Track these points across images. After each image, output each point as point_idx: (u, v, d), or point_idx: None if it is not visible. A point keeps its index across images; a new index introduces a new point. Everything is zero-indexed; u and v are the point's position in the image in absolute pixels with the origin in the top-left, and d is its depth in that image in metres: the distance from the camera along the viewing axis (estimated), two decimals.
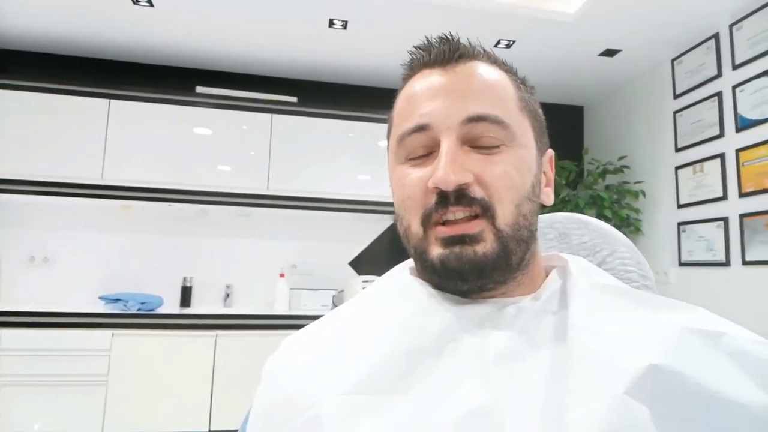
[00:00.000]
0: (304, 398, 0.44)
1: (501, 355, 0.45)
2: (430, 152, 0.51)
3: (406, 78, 0.57)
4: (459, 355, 0.45)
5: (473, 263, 0.48)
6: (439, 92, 0.51)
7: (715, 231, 2.63)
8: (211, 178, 2.97)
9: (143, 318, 2.63)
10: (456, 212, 0.48)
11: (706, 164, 2.73)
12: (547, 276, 0.55)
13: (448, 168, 0.47)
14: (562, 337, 0.46)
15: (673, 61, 3.01)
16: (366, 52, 3.08)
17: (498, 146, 0.50)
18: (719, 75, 2.67)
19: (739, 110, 2.54)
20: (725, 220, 2.58)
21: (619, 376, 0.39)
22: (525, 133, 0.52)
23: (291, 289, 3.11)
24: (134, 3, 2.56)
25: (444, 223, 0.49)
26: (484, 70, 0.53)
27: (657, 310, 0.46)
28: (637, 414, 0.37)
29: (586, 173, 3.49)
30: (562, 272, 0.54)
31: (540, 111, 0.57)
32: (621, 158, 3.36)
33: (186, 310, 2.91)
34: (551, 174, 0.58)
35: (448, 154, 0.48)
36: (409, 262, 0.60)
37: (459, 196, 0.48)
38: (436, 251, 0.49)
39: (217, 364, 2.64)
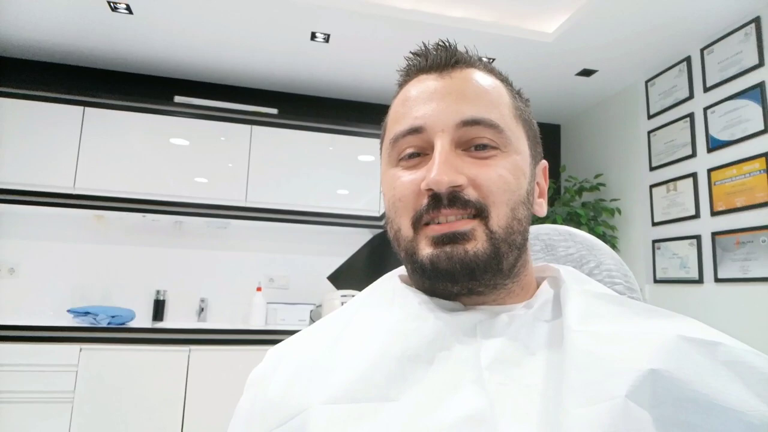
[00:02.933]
0: (289, 406, 0.43)
1: (495, 361, 0.44)
2: (423, 155, 0.51)
3: (402, 84, 0.57)
4: (452, 362, 0.44)
5: (464, 263, 0.47)
6: (434, 96, 0.51)
7: (689, 249, 2.69)
8: (187, 189, 2.91)
9: (113, 332, 2.54)
10: (448, 216, 0.48)
11: (679, 183, 2.79)
12: (538, 286, 0.55)
13: (442, 169, 0.46)
14: (557, 343, 0.45)
15: (647, 82, 3.09)
16: (348, 65, 3.08)
17: (492, 151, 0.49)
18: (691, 97, 2.75)
19: (711, 131, 2.61)
20: (698, 238, 2.64)
21: (620, 379, 0.38)
22: (519, 139, 0.52)
23: (268, 303, 3.05)
24: (113, 10, 2.52)
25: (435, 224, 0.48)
26: (480, 77, 0.53)
27: (652, 318, 0.46)
28: (639, 417, 0.37)
29: (563, 190, 3.55)
30: (554, 282, 0.54)
31: (534, 122, 0.57)
32: (597, 176, 3.42)
33: (158, 324, 2.83)
34: (545, 185, 0.58)
35: (442, 155, 0.47)
36: (398, 271, 0.59)
37: (452, 198, 0.47)
38: (426, 251, 0.48)
39: (191, 381, 2.56)
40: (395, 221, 0.52)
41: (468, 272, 0.47)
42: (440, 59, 0.53)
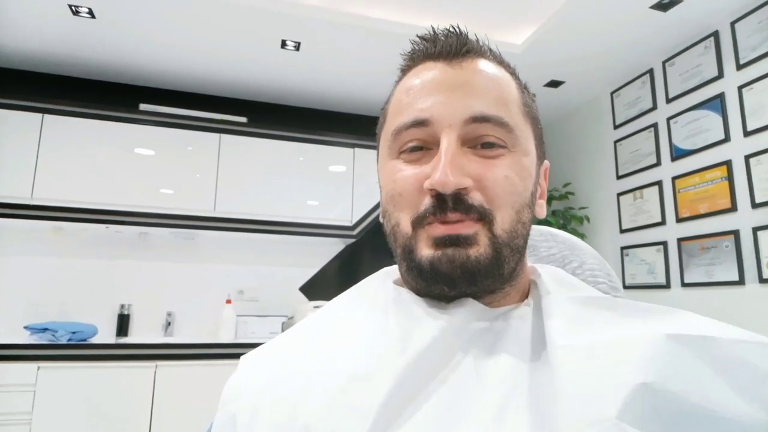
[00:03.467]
0: (265, 422, 0.40)
1: (495, 380, 0.42)
2: (426, 150, 0.48)
3: (406, 69, 0.53)
4: (452, 381, 0.42)
5: (465, 267, 0.44)
6: (442, 87, 0.48)
7: (656, 255, 2.75)
8: (152, 199, 2.82)
9: (74, 349, 2.42)
10: (453, 219, 0.45)
11: (645, 191, 2.86)
12: (528, 286, 0.53)
13: (448, 170, 0.44)
14: (546, 359, 0.43)
15: (612, 93, 3.17)
16: (319, 74, 3.07)
17: (500, 150, 0.47)
18: (655, 107, 2.83)
19: (674, 141, 2.69)
20: (664, 244, 2.70)
21: (610, 399, 0.36)
22: (527, 138, 0.50)
23: (238, 316, 2.98)
24: (74, 14, 2.44)
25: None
26: (491, 69, 0.50)
27: (639, 319, 0.44)
28: None
29: None
30: (536, 288, 0.52)
31: (540, 119, 0.55)
32: (566, 185, 3.48)
33: (122, 340, 2.72)
34: (545, 185, 0.56)
35: (448, 154, 0.45)
36: (387, 271, 0.56)
37: (457, 200, 0.44)
38: (426, 252, 0.46)
39: (157, 398, 2.46)
40: (393, 215, 0.49)
41: (468, 277, 0.45)
42: (450, 47, 0.50)
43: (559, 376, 0.39)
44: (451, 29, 0.51)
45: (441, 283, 0.46)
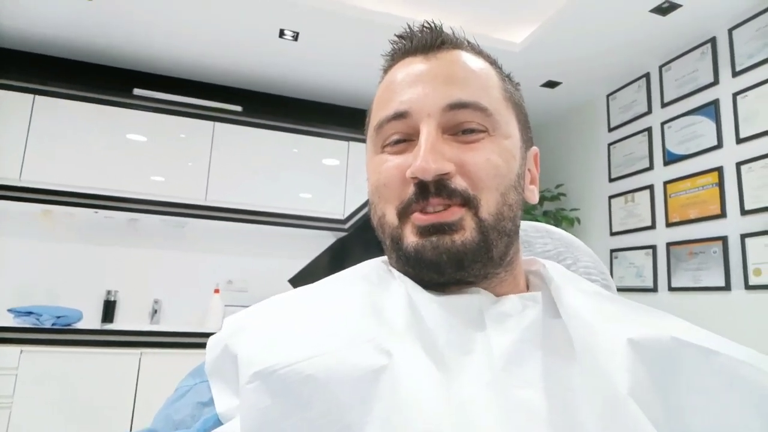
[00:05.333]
0: (298, 350, 0.38)
1: (509, 362, 0.41)
2: (409, 141, 0.48)
3: (387, 68, 0.54)
4: (462, 358, 0.41)
5: (451, 253, 0.44)
6: (420, 79, 0.48)
7: (645, 258, 2.77)
8: (143, 185, 2.79)
9: (58, 333, 2.40)
10: (436, 206, 0.45)
11: (636, 195, 2.88)
12: (527, 278, 0.53)
13: (428, 156, 0.44)
14: (564, 347, 0.42)
15: (608, 96, 3.18)
16: (316, 65, 3.04)
17: (480, 134, 0.47)
18: (649, 112, 2.85)
19: (667, 145, 2.71)
20: (653, 248, 2.72)
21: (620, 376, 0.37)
22: (509, 123, 0.50)
23: (225, 305, 2.96)
24: None
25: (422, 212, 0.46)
26: (468, 59, 0.51)
27: (646, 317, 0.45)
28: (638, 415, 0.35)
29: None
30: (541, 278, 0.52)
31: (524, 105, 0.55)
32: (558, 186, 3.49)
33: (108, 326, 2.69)
34: (536, 172, 0.56)
35: (428, 141, 0.45)
36: (380, 260, 0.55)
37: (439, 186, 0.45)
38: (411, 240, 0.46)
39: (141, 386, 2.44)
40: (379, 206, 0.49)
41: (455, 262, 0.45)
42: (425, 40, 0.51)
43: (580, 362, 0.40)
44: (426, 24, 0.52)
45: (429, 270, 0.46)
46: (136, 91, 2.92)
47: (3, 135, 2.59)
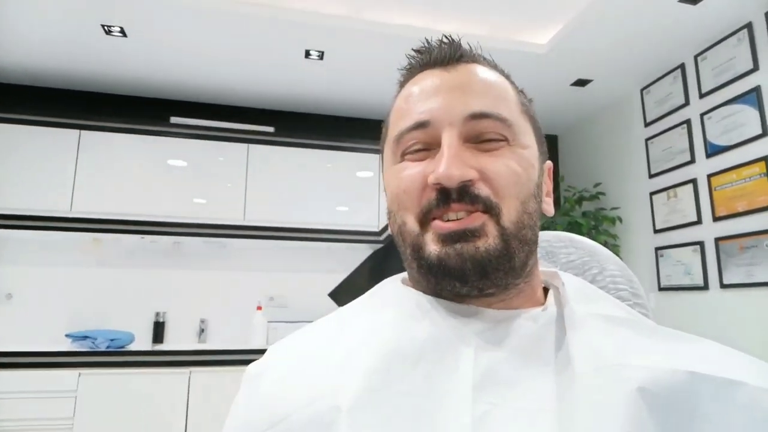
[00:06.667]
0: (280, 407, 0.42)
1: (486, 376, 0.41)
2: (429, 150, 0.48)
3: (404, 82, 0.54)
4: (439, 371, 0.42)
5: (475, 260, 0.44)
6: (440, 90, 0.49)
7: (692, 255, 2.66)
8: (185, 209, 2.90)
9: (112, 356, 2.51)
10: (458, 211, 0.45)
11: (679, 190, 2.78)
12: (546, 291, 0.53)
13: (451, 163, 0.44)
14: (559, 369, 0.42)
15: (642, 90, 3.09)
16: (343, 82, 3.09)
17: (501, 143, 0.48)
18: (687, 103, 2.75)
19: (708, 137, 2.61)
20: (701, 244, 2.61)
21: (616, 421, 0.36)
22: (527, 133, 0.50)
23: (268, 322, 3.02)
24: (107, 33, 2.53)
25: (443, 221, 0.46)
26: (484, 72, 0.51)
27: (665, 344, 0.43)
28: None
29: (563, 200, 3.53)
30: (557, 294, 0.51)
31: (538, 120, 0.55)
32: (596, 185, 3.41)
33: (158, 347, 2.80)
34: (550, 185, 0.56)
35: (451, 148, 0.45)
36: (402, 275, 0.57)
37: (462, 193, 0.45)
38: (434, 248, 0.46)
39: (191, 403, 2.52)
40: (398, 215, 0.49)
41: (479, 270, 0.44)
42: (444, 54, 0.51)
43: (574, 394, 0.39)
44: (444, 39, 0.52)
45: (451, 278, 0.45)
46: (173, 119, 3.04)
47: (54, 169, 2.74)
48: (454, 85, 0.49)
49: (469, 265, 0.44)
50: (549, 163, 0.56)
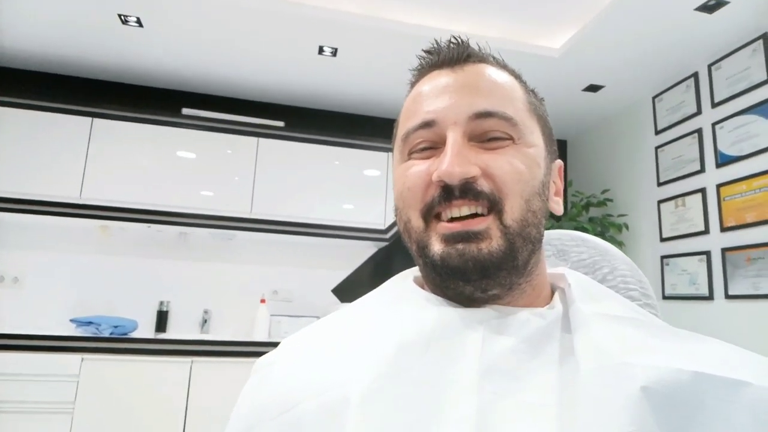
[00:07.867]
0: (291, 394, 0.43)
1: (493, 367, 0.42)
2: (435, 149, 0.49)
3: (414, 82, 0.56)
4: (448, 358, 0.43)
5: (477, 261, 0.45)
6: (447, 90, 0.50)
7: (698, 265, 2.65)
8: (193, 200, 2.91)
9: (115, 342, 2.52)
10: (461, 207, 0.46)
11: (687, 199, 2.77)
12: (552, 292, 0.53)
13: (454, 160, 0.45)
14: (564, 368, 0.42)
15: (654, 98, 3.08)
16: (355, 79, 3.10)
17: (505, 141, 0.48)
18: (699, 112, 2.74)
19: (719, 147, 2.60)
20: (707, 254, 2.60)
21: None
22: (533, 133, 0.51)
23: (271, 315, 3.03)
24: (123, 23, 2.55)
25: (447, 220, 0.47)
26: (493, 72, 0.52)
27: (673, 344, 0.43)
28: None
29: (570, 205, 3.52)
30: (563, 295, 0.51)
31: (548, 119, 0.56)
32: (604, 191, 3.40)
33: (161, 335, 2.81)
34: (560, 184, 0.56)
35: (455, 146, 0.46)
36: (412, 271, 0.57)
37: (464, 189, 0.46)
38: (437, 248, 0.47)
39: (192, 392, 2.53)
40: (404, 212, 0.50)
41: (481, 270, 0.45)
42: (452, 54, 0.52)
43: (577, 392, 0.40)
44: (453, 39, 0.53)
45: (454, 277, 0.46)
46: (185, 111, 3.06)
47: (65, 156, 2.76)
48: (461, 85, 0.50)
49: (471, 264, 0.45)
50: (559, 162, 0.56)
